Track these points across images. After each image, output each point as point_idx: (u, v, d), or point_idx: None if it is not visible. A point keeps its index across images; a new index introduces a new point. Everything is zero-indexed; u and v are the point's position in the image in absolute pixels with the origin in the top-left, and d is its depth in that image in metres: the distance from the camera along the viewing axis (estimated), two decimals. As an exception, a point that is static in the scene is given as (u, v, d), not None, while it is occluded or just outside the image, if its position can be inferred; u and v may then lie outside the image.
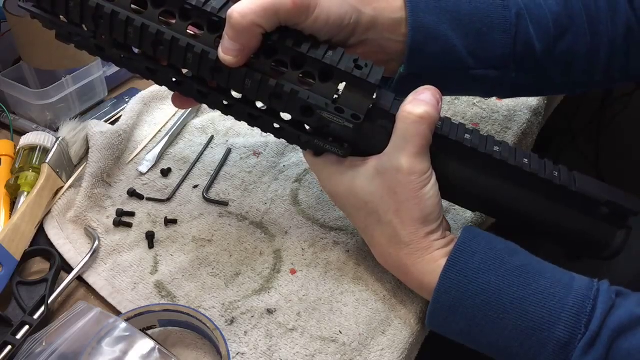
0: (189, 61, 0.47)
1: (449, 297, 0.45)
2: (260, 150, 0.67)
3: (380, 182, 0.47)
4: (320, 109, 0.46)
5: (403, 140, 0.46)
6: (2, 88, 0.69)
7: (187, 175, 0.64)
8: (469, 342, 0.46)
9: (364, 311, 0.51)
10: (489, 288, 0.44)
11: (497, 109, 0.73)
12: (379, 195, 0.47)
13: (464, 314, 0.45)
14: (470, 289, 0.44)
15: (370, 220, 0.49)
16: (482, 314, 0.44)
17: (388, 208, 0.47)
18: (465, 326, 0.45)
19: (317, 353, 0.48)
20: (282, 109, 0.48)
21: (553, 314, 0.42)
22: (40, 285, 0.52)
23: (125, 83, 0.79)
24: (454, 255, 0.45)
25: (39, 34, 0.64)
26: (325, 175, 0.51)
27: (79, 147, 0.65)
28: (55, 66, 0.69)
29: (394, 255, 0.48)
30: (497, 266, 0.45)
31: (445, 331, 0.47)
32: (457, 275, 0.45)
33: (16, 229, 0.54)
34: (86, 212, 0.58)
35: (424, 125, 0.46)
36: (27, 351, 0.45)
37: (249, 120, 0.50)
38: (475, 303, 0.44)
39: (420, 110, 0.46)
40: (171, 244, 0.57)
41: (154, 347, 0.43)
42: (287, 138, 0.50)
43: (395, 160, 0.46)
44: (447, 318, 0.46)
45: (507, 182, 0.48)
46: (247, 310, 0.51)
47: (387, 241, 0.48)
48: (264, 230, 0.58)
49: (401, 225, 0.47)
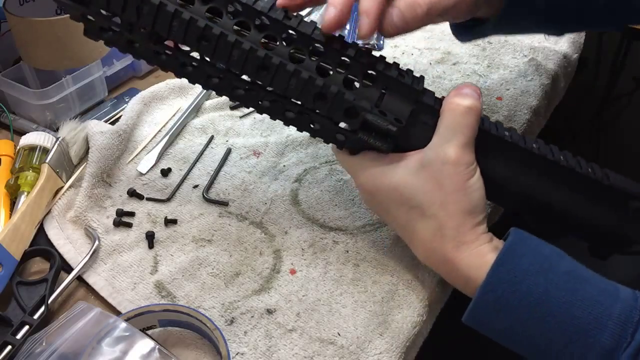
0: (233, 58, 0.46)
1: (495, 295, 0.44)
2: (260, 150, 0.68)
3: (425, 175, 0.47)
4: (365, 110, 0.46)
5: (451, 131, 0.46)
6: (2, 88, 0.69)
7: (187, 175, 0.64)
8: (509, 342, 0.46)
9: (362, 313, 0.51)
10: (537, 290, 0.43)
11: (497, 109, 0.73)
12: (423, 189, 0.47)
13: (509, 313, 0.44)
14: (518, 289, 0.44)
15: (412, 215, 0.48)
16: (528, 315, 0.44)
17: (433, 201, 0.47)
18: (508, 325, 0.44)
19: (316, 355, 0.48)
20: (324, 111, 0.48)
21: (600, 320, 0.42)
22: (40, 285, 0.52)
23: (125, 83, 0.80)
24: (503, 254, 0.45)
25: (39, 34, 0.64)
26: (364, 173, 0.50)
27: (79, 147, 0.65)
28: (55, 66, 0.69)
29: (439, 250, 0.48)
30: (545, 270, 0.44)
31: (484, 328, 0.46)
32: (506, 274, 0.44)
33: (16, 229, 0.54)
34: (86, 212, 0.58)
35: (471, 116, 0.46)
36: (27, 351, 0.45)
37: (285, 119, 0.50)
38: (522, 303, 0.44)
39: (468, 101, 0.47)
40: (171, 244, 0.57)
41: (154, 347, 0.44)
42: (325, 136, 0.50)
43: (442, 152, 0.46)
44: (490, 315, 0.45)
45: (544, 177, 0.49)
46: (247, 310, 0.51)
47: (431, 236, 0.48)
48: (264, 230, 0.58)
49: (447, 217, 0.47)
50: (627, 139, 1.50)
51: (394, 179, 0.48)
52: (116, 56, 0.76)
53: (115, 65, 0.76)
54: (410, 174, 0.48)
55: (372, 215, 0.60)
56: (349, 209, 0.61)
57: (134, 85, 0.79)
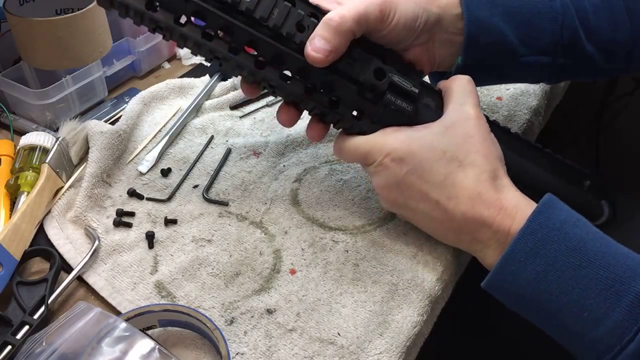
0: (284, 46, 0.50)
1: (534, 239, 0.46)
2: (260, 150, 0.68)
3: (453, 133, 0.50)
4: (391, 72, 0.51)
5: (463, 96, 0.52)
6: (2, 88, 0.69)
7: (187, 175, 0.64)
8: (539, 291, 0.46)
9: (362, 313, 0.51)
10: (574, 238, 0.46)
11: (497, 109, 0.73)
12: (455, 142, 0.50)
13: (545, 258, 0.45)
14: (557, 235, 0.46)
15: (451, 167, 0.50)
16: (564, 261, 0.45)
17: (468, 150, 0.49)
18: (542, 271, 0.45)
19: (316, 355, 0.48)
20: (355, 73, 0.51)
21: (633, 269, 0.44)
22: (40, 285, 0.52)
23: (125, 83, 0.80)
24: (542, 204, 0.47)
25: (39, 34, 0.64)
26: (393, 141, 0.51)
27: (79, 147, 0.65)
28: (55, 66, 0.69)
29: (485, 194, 0.49)
30: (581, 224, 0.47)
31: (516, 277, 0.47)
32: (546, 220, 0.46)
33: (16, 229, 0.54)
34: (86, 212, 0.58)
35: (473, 85, 0.53)
36: (27, 351, 0.45)
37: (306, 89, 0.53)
38: (560, 249, 0.45)
39: (466, 76, 0.54)
40: (171, 244, 0.57)
41: (154, 347, 0.44)
42: (348, 105, 0.52)
43: (462, 112, 0.51)
44: (526, 260, 0.46)
45: (510, 151, 0.54)
46: (247, 310, 0.51)
47: (475, 182, 0.49)
48: (264, 230, 0.58)
49: (485, 162, 0.49)
50: (627, 139, 1.49)
51: (425, 139, 0.50)
52: (116, 56, 0.76)
53: (115, 65, 0.76)
54: (439, 135, 0.50)
55: (372, 215, 0.60)
56: (349, 208, 0.61)
57: (134, 85, 0.79)
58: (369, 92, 0.52)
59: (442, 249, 0.56)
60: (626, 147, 1.47)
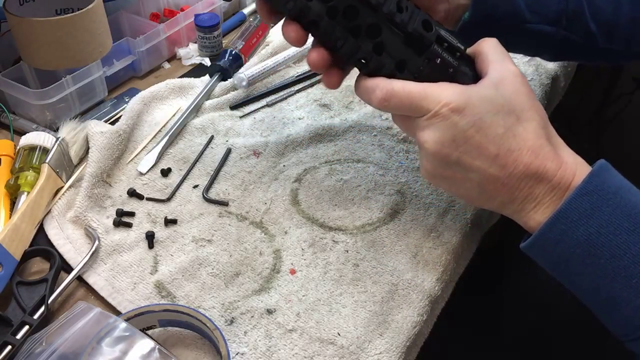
0: None
1: (590, 200, 0.45)
2: (260, 150, 0.68)
3: (504, 88, 0.49)
4: (438, 26, 0.51)
5: (501, 55, 0.51)
6: (2, 88, 0.69)
7: (187, 175, 0.64)
8: (587, 254, 0.46)
9: (362, 313, 0.51)
10: (629, 204, 0.45)
11: (496, 109, 0.73)
12: (511, 97, 0.49)
13: (600, 220, 0.45)
14: (612, 199, 0.45)
15: (510, 120, 0.48)
16: (618, 224, 0.45)
17: (524, 105, 0.49)
18: (595, 232, 0.45)
19: (316, 355, 0.48)
20: (405, 21, 0.49)
21: None
22: (40, 285, 0.52)
23: (125, 83, 0.80)
24: (599, 168, 0.47)
25: (39, 34, 0.64)
26: (449, 92, 0.49)
27: (79, 147, 0.65)
28: (55, 66, 0.69)
29: (546, 146, 0.48)
30: (634, 192, 0.46)
31: (565, 238, 0.46)
32: (601, 184, 0.46)
33: (16, 229, 0.54)
34: (86, 212, 0.58)
35: (502, 46, 0.52)
36: (27, 351, 0.45)
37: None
38: (615, 213, 0.45)
39: (493, 38, 0.52)
40: (171, 244, 0.57)
41: (154, 347, 0.44)
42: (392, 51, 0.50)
43: (506, 68, 0.50)
44: (579, 220, 0.45)
45: None
46: (247, 310, 0.51)
47: (535, 134, 0.48)
48: (264, 230, 0.58)
49: (540, 117, 0.49)
50: (627, 139, 1.50)
51: (481, 92, 0.49)
52: (116, 56, 0.76)
53: (115, 65, 0.76)
54: (492, 90, 0.49)
55: (372, 215, 0.60)
56: (349, 208, 0.61)
57: (134, 85, 0.79)
58: (416, 42, 0.50)
59: (442, 249, 0.56)
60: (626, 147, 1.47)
